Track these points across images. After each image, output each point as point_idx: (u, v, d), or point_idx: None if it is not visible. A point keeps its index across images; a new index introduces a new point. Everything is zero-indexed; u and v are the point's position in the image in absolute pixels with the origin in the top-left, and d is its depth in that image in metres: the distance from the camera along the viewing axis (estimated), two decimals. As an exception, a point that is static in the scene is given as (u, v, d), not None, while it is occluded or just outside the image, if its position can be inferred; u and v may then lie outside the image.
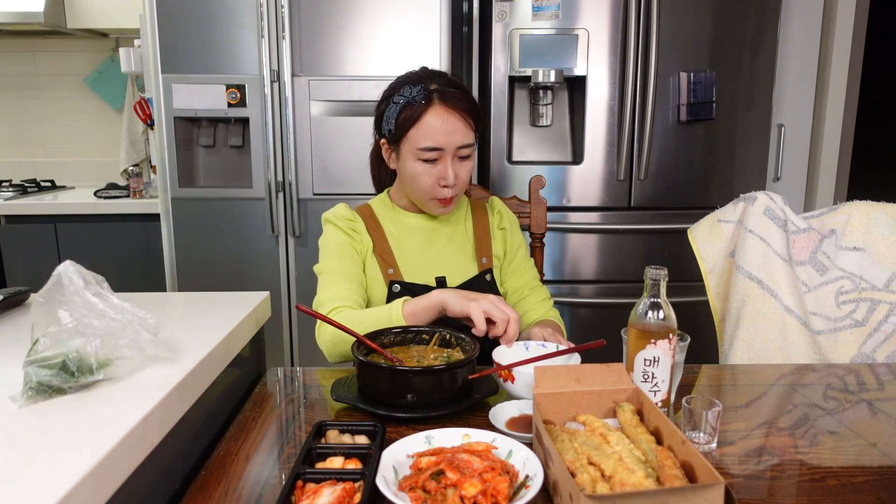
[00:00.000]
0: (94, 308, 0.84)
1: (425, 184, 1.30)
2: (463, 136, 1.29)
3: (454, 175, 1.29)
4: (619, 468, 0.73)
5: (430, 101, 1.27)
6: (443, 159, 1.29)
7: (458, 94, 1.29)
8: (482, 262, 1.42)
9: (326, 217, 1.41)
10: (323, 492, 0.74)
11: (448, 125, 1.27)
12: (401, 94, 1.30)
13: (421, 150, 1.28)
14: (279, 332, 2.37)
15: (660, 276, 0.93)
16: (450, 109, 1.27)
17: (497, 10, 2.30)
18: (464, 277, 1.39)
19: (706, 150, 2.42)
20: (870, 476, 0.84)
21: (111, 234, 2.66)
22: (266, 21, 2.18)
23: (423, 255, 1.39)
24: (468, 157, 1.33)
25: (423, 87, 1.28)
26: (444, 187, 1.31)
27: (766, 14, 2.36)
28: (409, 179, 1.32)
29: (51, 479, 0.61)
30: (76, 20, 2.78)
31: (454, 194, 1.33)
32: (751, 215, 1.49)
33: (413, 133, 1.28)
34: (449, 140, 1.27)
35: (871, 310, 1.45)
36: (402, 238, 1.40)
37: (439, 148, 1.27)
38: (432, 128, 1.26)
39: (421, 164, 1.29)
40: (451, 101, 1.27)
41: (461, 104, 1.28)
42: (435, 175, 1.30)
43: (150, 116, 3.00)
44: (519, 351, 1.14)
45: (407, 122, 1.28)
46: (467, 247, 1.43)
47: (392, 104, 1.31)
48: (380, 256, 1.37)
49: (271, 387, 1.15)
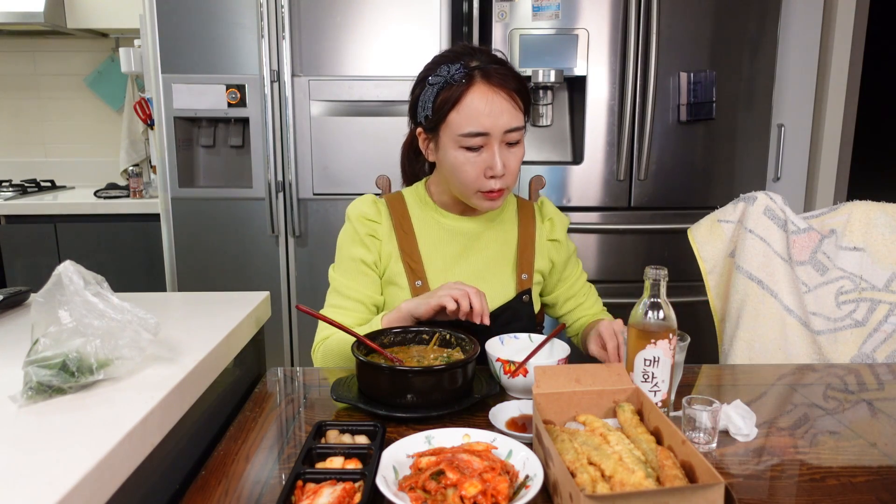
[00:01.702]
0: (94, 308, 0.84)
1: (469, 175, 1.16)
2: (511, 118, 1.13)
3: (502, 164, 1.14)
4: (619, 468, 0.73)
5: (472, 80, 1.12)
6: (489, 146, 1.14)
7: (504, 71, 1.14)
8: (521, 278, 1.27)
9: (348, 213, 1.27)
10: (323, 492, 0.74)
11: (494, 106, 1.12)
12: (438, 73, 1.14)
13: (463, 137, 1.13)
14: (279, 332, 2.37)
15: (660, 276, 0.93)
16: (495, 88, 1.12)
17: (497, 10, 2.30)
18: (499, 300, 1.25)
19: (706, 150, 2.42)
20: (870, 476, 0.84)
21: (111, 234, 2.66)
22: (266, 21, 2.18)
23: (457, 267, 1.25)
24: (518, 142, 1.17)
25: (463, 64, 1.13)
26: (492, 178, 1.15)
27: (766, 14, 2.36)
28: (451, 171, 1.17)
29: (51, 479, 0.60)
30: (76, 20, 2.78)
31: (504, 185, 1.17)
32: (751, 215, 1.49)
33: (454, 117, 1.13)
34: (495, 123, 1.12)
35: (871, 310, 1.45)
36: (435, 243, 1.25)
37: (484, 133, 1.12)
38: (475, 109, 1.11)
39: (464, 152, 1.14)
40: (495, 78, 1.12)
41: (508, 82, 1.13)
42: (480, 165, 1.15)
43: (150, 116, 3.00)
44: (511, 342, 1.16)
45: (446, 104, 1.13)
46: (508, 258, 1.28)
47: (428, 86, 1.16)
48: (407, 264, 1.23)
49: (271, 387, 1.15)
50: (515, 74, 1.16)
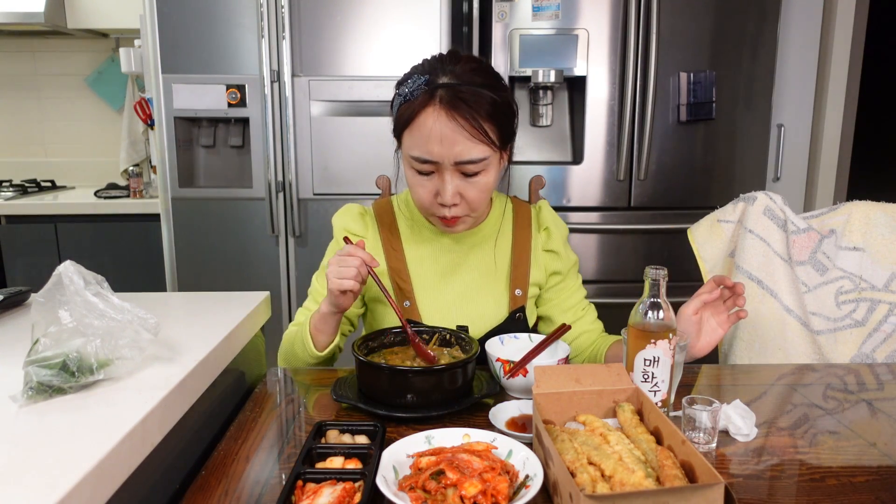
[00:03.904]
0: (95, 308, 0.84)
1: (421, 197, 1.10)
2: (466, 148, 1.03)
3: (454, 193, 1.06)
4: (619, 468, 0.73)
5: (431, 101, 1.02)
6: (439, 173, 1.06)
7: (474, 94, 1.02)
8: (515, 294, 1.20)
9: (333, 223, 1.24)
10: (323, 492, 0.74)
11: (446, 133, 1.02)
12: (405, 84, 1.07)
13: (413, 159, 1.07)
14: (279, 332, 2.36)
15: (660, 276, 0.93)
16: (453, 115, 1.01)
17: (497, 10, 2.30)
18: (491, 322, 1.19)
19: (706, 150, 2.42)
20: (870, 476, 0.84)
21: (111, 234, 2.66)
22: (266, 21, 2.18)
23: (447, 284, 1.19)
24: (477, 174, 1.06)
25: (429, 80, 1.04)
26: (443, 206, 1.09)
27: (766, 14, 2.36)
28: (409, 188, 1.13)
29: (51, 479, 0.60)
30: (76, 20, 2.78)
31: (460, 213, 1.10)
32: (751, 215, 1.49)
33: (406, 136, 1.07)
34: (445, 152, 1.03)
35: (871, 310, 1.45)
36: (424, 260, 1.20)
37: (432, 160, 1.04)
38: (425, 135, 1.03)
39: (414, 174, 1.08)
40: (459, 102, 1.01)
41: (474, 108, 1.02)
42: (431, 190, 1.08)
43: (150, 116, 3.00)
44: (511, 342, 1.15)
45: (401, 121, 1.07)
46: (501, 271, 1.21)
47: (397, 96, 1.10)
48: (395, 283, 1.18)
49: (271, 387, 1.15)
50: (491, 98, 1.04)
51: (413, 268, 1.20)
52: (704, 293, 1.09)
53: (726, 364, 1.50)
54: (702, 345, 1.11)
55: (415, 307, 1.19)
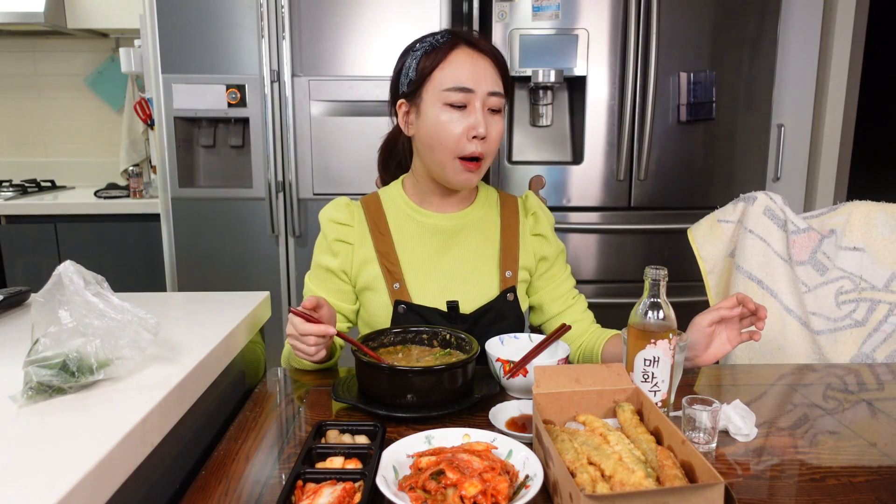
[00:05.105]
0: (95, 308, 0.84)
1: (451, 135, 1.13)
2: (493, 82, 1.15)
3: (486, 123, 1.13)
4: (619, 468, 0.73)
5: (457, 43, 1.15)
6: (471, 106, 1.13)
7: (486, 43, 1.17)
8: (506, 276, 1.24)
9: (320, 217, 1.27)
10: (323, 492, 0.74)
11: (477, 67, 1.14)
12: (422, 42, 1.18)
13: (448, 91, 1.12)
14: (279, 332, 2.37)
15: (660, 276, 0.93)
16: (478, 52, 1.15)
17: (497, 10, 2.30)
18: (481, 300, 1.22)
19: (706, 150, 2.42)
20: (870, 476, 0.84)
21: (111, 234, 2.66)
22: (266, 21, 2.18)
23: (436, 264, 1.22)
24: (499, 111, 1.17)
25: (447, 31, 1.19)
26: (475, 139, 1.13)
27: (766, 14, 2.36)
28: (433, 134, 1.14)
29: (51, 479, 0.61)
30: (76, 20, 2.78)
31: (484, 152, 1.15)
32: (751, 215, 1.49)
33: (438, 75, 1.14)
34: (479, 82, 1.13)
35: (871, 310, 1.45)
36: (412, 243, 1.22)
37: (469, 89, 1.12)
38: (460, 66, 1.13)
39: (448, 111, 1.13)
40: (479, 45, 1.16)
41: (490, 52, 1.16)
42: (464, 125, 1.13)
43: (150, 116, 3.00)
44: (511, 342, 1.16)
45: (428, 66, 1.14)
46: (492, 254, 1.25)
47: (412, 52, 1.18)
48: (384, 266, 1.21)
49: (271, 387, 1.15)
50: (498, 52, 1.18)
51: (402, 251, 1.22)
52: (724, 308, 1.09)
53: (726, 364, 1.50)
54: (707, 357, 1.12)
55: (405, 288, 1.20)
